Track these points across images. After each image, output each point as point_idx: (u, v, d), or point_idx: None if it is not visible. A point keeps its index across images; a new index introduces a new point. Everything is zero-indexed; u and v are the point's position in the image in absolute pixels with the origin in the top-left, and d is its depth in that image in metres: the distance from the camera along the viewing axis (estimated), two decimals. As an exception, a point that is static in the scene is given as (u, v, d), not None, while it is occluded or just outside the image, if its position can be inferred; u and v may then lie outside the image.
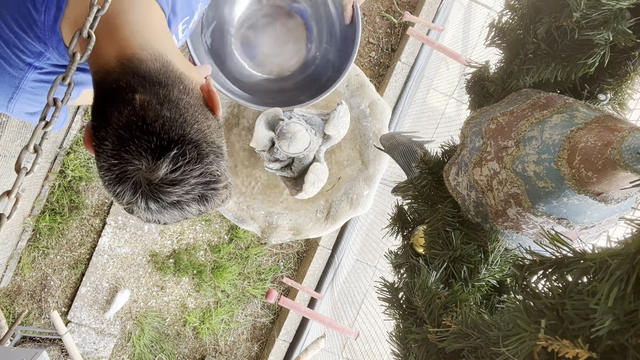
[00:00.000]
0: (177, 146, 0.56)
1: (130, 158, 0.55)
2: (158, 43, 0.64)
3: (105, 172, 0.57)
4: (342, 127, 1.57)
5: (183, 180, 0.57)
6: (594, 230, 0.77)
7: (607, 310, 0.42)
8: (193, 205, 0.60)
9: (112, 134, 0.56)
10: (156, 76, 0.59)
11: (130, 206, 0.59)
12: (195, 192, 0.58)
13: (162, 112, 0.56)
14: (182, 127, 0.57)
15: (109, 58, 0.60)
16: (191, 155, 0.57)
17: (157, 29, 0.67)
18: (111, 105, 0.57)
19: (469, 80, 1.05)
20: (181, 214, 0.60)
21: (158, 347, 2.66)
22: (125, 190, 0.56)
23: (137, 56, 0.60)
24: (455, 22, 2.91)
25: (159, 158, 0.55)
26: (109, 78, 0.59)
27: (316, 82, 1.53)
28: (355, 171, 1.85)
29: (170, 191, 0.57)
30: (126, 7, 0.64)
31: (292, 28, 1.57)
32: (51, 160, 2.48)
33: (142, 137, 0.55)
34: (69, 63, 0.56)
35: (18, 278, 2.55)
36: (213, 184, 0.60)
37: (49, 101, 0.55)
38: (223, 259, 2.69)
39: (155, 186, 0.56)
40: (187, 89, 0.62)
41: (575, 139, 0.69)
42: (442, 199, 0.94)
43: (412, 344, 0.82)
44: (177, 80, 0.61)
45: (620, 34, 0.73)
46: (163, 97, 0.58)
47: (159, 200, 0.57)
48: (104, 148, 0.57)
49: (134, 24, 0.63)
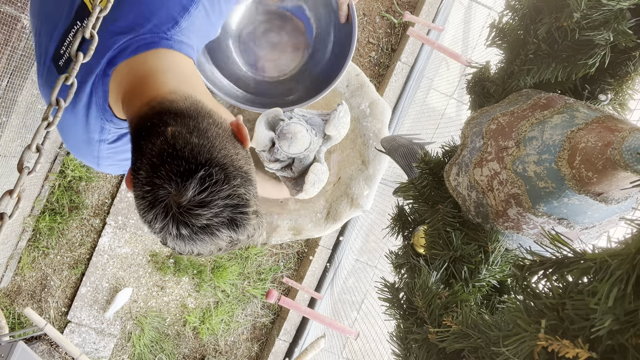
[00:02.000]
0: (204, 168, 0.58)
1: (161, 183, 0.58)
2: (187, 87, 0.69)
3: (140, 201, 0.60)
4: (343, 127, 1.57)
5: (211, 202, 0.58)
6: (595, 230, 0.77)
7: (607, 310, 0.42)
8: (224, 231, 0.60)
9: (146, 163, 0.60)
10: (187, 111, 0.64)
11: (163, 234, 0.60)
12: (224, 214, 0.59)
13: (191, 139, 0.60)
14: (209, 151, 0.60)
15: (141, 106, 0.66)
16: (218, 177, 0.59)
17: (185, 76, 0.73)
18: (145, 139, 0.62)
19: (469, 81, 1.05)
20: (212, 240, 0.61)
21: (158, 347, 2.66)
22: (157, 214, 0.59)
23: (168, 98, 0.66)
24: (455, 22, 2.91)
25: (187, 180, 0.57)
26: (143, 121, 0.64)
27: (315, 82, 1.53)
28: (355, 171, 1.85)
29: (199, 213, 0.58)
30: (154, 65, 0.71)
31: (290, 31, 1.57)
32: (51, 160, 2.48)
33: (172, 162, 0.58)
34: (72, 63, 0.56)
35: (18, 278, 2.55)
36: (242, 207, 0.61)
37: (52, 101, 0.55)
38: (223, 259, 2.69)
39: (184, 209, 0.58)
40: (216, 122, 0.66)
41: (575, 140, 0.69)
42: (443, 199, 0.94)
43: (412, 344, 0.82)
44: (206, 114, 0.65)
45: (620, 34, 0.73)
46: (193, 127, 0.62)
47: (189, 225, 0.58)
48: (139, 178, 0.60)
49: (163, 77, 0.70)
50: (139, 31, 0.74)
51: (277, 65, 1.60)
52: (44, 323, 2.08)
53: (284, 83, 1.61)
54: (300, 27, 1.58)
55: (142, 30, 0.74)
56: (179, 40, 0.77)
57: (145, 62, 0.72)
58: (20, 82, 2.02)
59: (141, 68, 0.71)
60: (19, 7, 1.91)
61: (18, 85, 2.02)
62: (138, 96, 0.68)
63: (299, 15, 1.56)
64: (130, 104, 0.70)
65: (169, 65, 0.72)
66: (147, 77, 0.70)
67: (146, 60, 0.72)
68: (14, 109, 2.03)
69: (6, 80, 1.95)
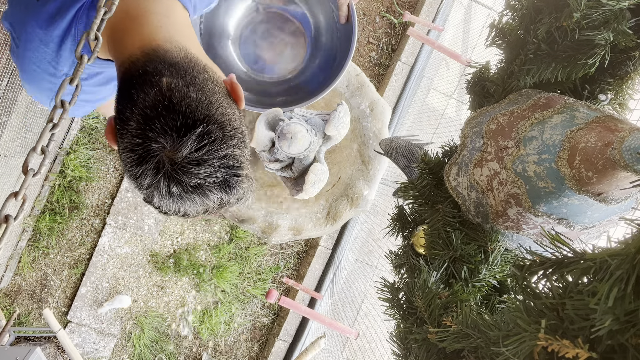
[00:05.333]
0: (202, 124, 0.56)
1: (155, 136, 0.55)
2: (182, 38, 0.66)
3: (128, 154, 0.57)
4: (343, 127, 1.57)
5: (207, 160, 0.56)
6: (594, 230, 0.77)
7: (607, 310, 0.42)
8: (215, 192, 0.58)
9: (138, 113, 0.56)
10: (182, 63, 0.61)
11: (150, 191, 0.57)
12: (218, 175, 0.57)
13: (188, 93, 0.57)
14: (207, 108, 0.57)
15: (133, 50, 0.62)
16: (216, 135, 0.56)
17: (181, 26, 0.69)
18: (137, 88, 0.58)
19: (469, 81, 1.05)
20: (202, 201, 0.58)
21: (158, 347, 2.66)
22: (147, 170, 0.56)
23: (162, 47, 0.62)
24: (455, 22, 2.91)
25: (184, 136, 0.55)
26: (135, 67, 0.61)
27: (315, 81, 1.53)
28: (355, 171, 1.85)
29: (194, 172, 0.56)
30: (150, 7, 0.67)
31: (291, 32, 1.57)
32: (51, 160, 2.48)
33: (168, 115, 0.55)
34: (76, 65, 0.56)
35: (18, 278, 2.55)
36: (236, 169, 0.59)
37: (57, 103, 0.55)
38: (223, 259, 2.70)
39: (178, 166, 0.55)
40: (212, 78, 0.63)
41: (575, 139, 0.69)
42: (443, 199, 0.94)
43: (412, 344, 0.82)
44: (202, 69, 0.63)
45: (620, 34, 0.73)
46: (189, 80, 0.59)
47: (181, 183, 0.56)
48: (127, 129, 0.57)
49: (158, 21, 0.66)
50: None
51: (276, 66, 1.60)
52: (59, 327, 2.09)
53: (283, 83, 1.61)
54: (299, 28, 1.58)
55: None
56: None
57: (142, 0, 0.68)
58: (20, 82, 2.02)
59: (136, 6, 0.67)
60: (19, 7, 1.91)
61: (18, 85, 2.02)
62: (130, 35, 0.65)
63: (298, 15, 1.56)
64: (119, 42, 0.65)
65: (166, 10, 0.69)
66: (142, 17, 0.66)
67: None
68: (14, 109, 2.03)
69: (6, 80, 1.95)
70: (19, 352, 1.84)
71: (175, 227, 2.68)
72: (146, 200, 0.60)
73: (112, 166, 2.61)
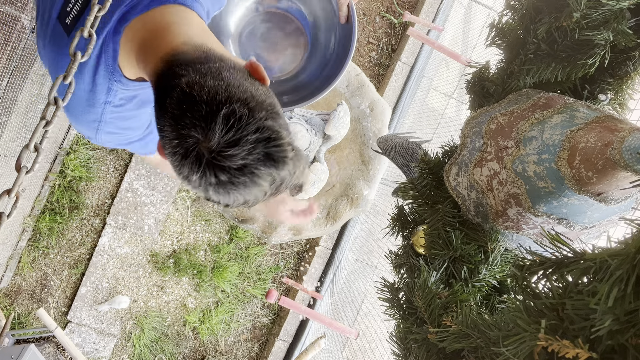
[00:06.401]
0: (225, 106, 0.56)
1: (187, 132, 0.57)
2: (199, 39, 0.68)
3: (173, 158, 0.59)
4: (343, 127, 1.57)
5: (240, 139, 0.56)
6: (594, 230, 0.77)
7: (607, 310, 0.42)
8: (262, 168, 0.58)
9: (169, 117, 0.59)
10: (197, 60, 0.63)
11: (204, 186, 0.58)
12: (257, 150, 0.57)
13: (206, 83, 0.58)
14: (227, 90, 0.58)
15: (157, 62, 0.65)
16: (241, 111, 0.57)
17: (197, 29, 0.72)
18: (165, 96, 0.61)
19: (469, 81, 1.05)
20: (253, 182, 0.58)
21: (158, 347, 2.66)
22: (191, 165, 0.57)
23: (179, 50, 0.65)
24: (455, 22, 2.91)
25: (211, 122, 0.56)
26: (161, 79, 0.63)
27: (316, 81, 1.53)
28: (355, 171, 1.85)
29: (232, 154, 0.56)
30: (168, 19, 0.70)
31: (290, 32, 1.57)
32: (51, 160, 2.48)
33: (192, 108, 0.57)
34: (70, 62, 0.56)
35: (18, 278, 2.55)
36: (274, 140, 0.58)
37: (50, 100, 0.55)
38: (223, 259, 2.69)
39: (216, 153, 0.56)
40: (228, 64, 0.64)
41: (575, 139, 0.69)
42: (443, 199, 0.94)
43: (412, 344, 0.82)
44: (217, 59, 0.64)
45: (620, 34, 0.73)
46: (205, 71, 0.60)
47: (225, 168, 0.56)
48: (166, 136, 0.59)
49: (175, 29, 0.69)
50: None
51: (276, 66, 1.60)
52: (55, 326, 2.08)
53: (283, 83, 1.61)
54: (299, 28, 1.58)
55: None
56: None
57: (159, 16, 0.71)
58: (20, 82, 2.02)
59: (154, 23, 0.70)
60: (19, 7, 1.91)
61: (18, 85, 2.02)
62: (152, 51, 0.67)
63: (298, 15, 1.56)
64: (145, 60, 0.68)
65: (182, 19, 0.71)
66: (161, 31, 0.69)
67: (159, 14, 0.71)
68: (14, 109, 2.03)
69: (6, 80, 1.95)
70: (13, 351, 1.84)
71: (175, 227, 2.68)
72: (207, 199, 0.61)
73: (112, 166, 2.61)
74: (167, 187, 2.59)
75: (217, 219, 2.71)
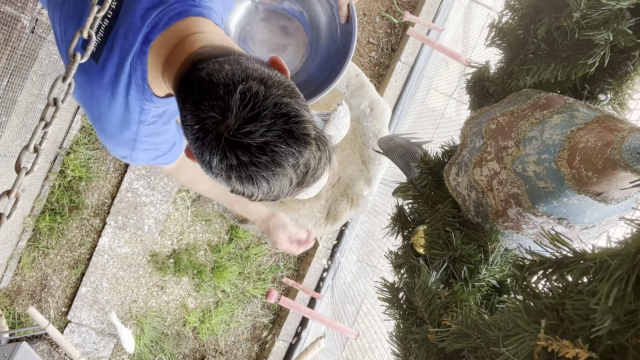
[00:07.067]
0: (241, 84, 0.57)
1: (206, 115, 0.57)
2: (218, 41, 0.70)
3: (195, 146, 0.59)
4: (343, 127, 1.57)
5: (259, 114, 0.56)
6: (594, 230, 0.77)
7: (607, 310, 0.42)
8: (283, 146, 0.57)
9: (190, 106, 0.60)
10: (218, 54, 0.65)
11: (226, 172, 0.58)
12: (277, 127, 0.57)
13: (223, 67, 0.60)
14: (244, 71, 0.59)
15: (180, 67, 0.67)
16: (257, 88, 0.57)
17: (217, 36, 0.74)
18: (186, 91, 0.62)
19: (469, 81, 1.05)
20: (275, 164, 0.57)
21: (158, 347, 2.66)
22: (211, 147, 0.57)
23: (203, 49, 0.67)
24: (455, 22, 2.91)
25: (229, 100, 0.56)
26: (184, 77, 0.65)
27: (316, 81, 1.53)
28: (355, 171, 1.85)
29: (251, 130, 0.56)
30: (189, 29, 0.73)
31: (290, 32, 1.57)
32: (51, 160, 2.48)
33: (210, 91, 0.58)
34: (69, 63, 0.56)
35: (18, 278, 2.55)
36: (294, 117, 0.58)
37: (49, 101, 0.55)
38: (223, 259, 2.69)
39: (234, 130, 0.56)
40: (248, 56, 0.66)
41: (575, 139, 0.69)
42: (443, 199, 0.94)
43: (412, 344, 0.82)
44: (237, 52, 0.66)
45: (620, 34, 0.73)
46: (223, 60, 0.62)
47: (244, 146, 0.56)
48: (187, 124, 0.60)
49: (196, 37, 0.71)
50: (167, 2, 0.75)
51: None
52: (47, 323, 2.08)
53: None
54: (300, 28, 1.58)
55: (171, 0, 0.75)
56: (207, 7, 0.78)
57: (179, 30, 0.73)
58: (20, 82, 2.02)
59: (176, 37, 0.72)
60: (19, 7, 1.91)
61: (18, 85, 2.02)
62: (176, 60, 0.69)
63: (298, 15, 1.56)
64: (170, 69, 0.71)
65: (200, 29, 0.74)
66: (183, 41, 0.71)
67: (179, 28, 0.73)
68: (14, 109, 2.03)
69: (6, 80, 1.95)
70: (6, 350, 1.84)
71: (175, 227, 2.68)
72: (232, 190, 0.61)
73: (112, 166, 2.61)
74: (167, 187, 2.59)
75: (217, 219, 2.71)
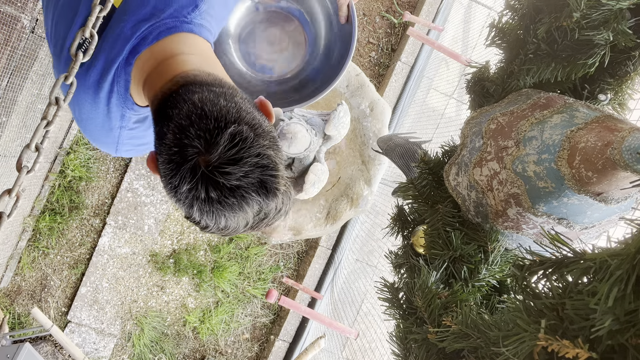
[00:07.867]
0: (233, 125, 0.57)
1: (189, 142, 0.57)
2: (208, 67, 0.70)
3: (166, 166, 0.59)
4: (343, 127, 1.57)
5: (242, 159, 0.57)
6: (594, 230, 0.77)
7: (607, 310, 0.42)
8: (253, 195, 0.58)
9: (173, 126, 0.59)
10: (211, 83, 0.64)
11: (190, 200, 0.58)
12: (254, 175, 0.57)
13: (218, 101, 0.60)
14: (238, 112, 0.60)
15: (164, 84, 0.66)
16: (247, 134, 0.58)
17: (206, 57, 0.74)
18: (172, 107, 0.61)
19: (469, 80, 1.05)
20: (241, 206, 0.58)
21: (158, 347, 2.66)
22: (184, 175, 0.57)
23: (191, 73, 0.66)
24: (455, 22, 2.91)
25: (217, 136, 0.56)
26: (167, 95, 0.64)
27: (315, 81, 1.53)
28: (355, 171, 1.85)
29: (229, 171, 0.56)
30: (176, 49, 0.72)
31: (290, 32, 1.57)
32: (51, 160, 2.48)
33: (200, 121, 0.57)
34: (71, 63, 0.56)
35: (18, 278, 2.55)
36: (271, 170, 0.59)
37: (51, 100, 0.55)
38: (223, 259, 2.69)
39: (214, 166, 0.56)
40: (240, 94, 0.66)
41: (575, 139, 0.69)
42: (443, 199, 0.94)
43: (412, 344, 0.82)
44: (230, 86, 0.66)
45: (620, 34, 0.73)
46: (219, 93, 0.62)
47: (218, 185, 0.56)
48: (165, 143, 0.59)
49: (184, 57, 0.70)
50: (160, 16, 0.74)
51: (276, 65, 1.60)
52: (50, 324, 2.08)
53: (283, 83, 1.61)
54: (299, 28, 1.58)
55: (163, 15, 0.74)
56: (199, 24, 0.77)
57: (167, 46, 0.73)
58: (20, 82, 2.02)
59: (163, 53, 0.72)
60: (19, 7, 1.91)
61: (18, 85, 2.02)
62: (160, 77, 0.69)
63: (298, 15, 1.56)
64: (152, 86, 0.70)
65: (189, 48, 0.73)
66: (169, 59, 0.70)
67: (168, 44, 0.73)
68: (14, 109, 2.03)
69: (6, 80, 1.95)
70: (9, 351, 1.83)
71: (175, 227, 2.68)
72: (187, 217, 0.61)
73: (112, 166, 2.61)
74: (167, 187, 2.59)
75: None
